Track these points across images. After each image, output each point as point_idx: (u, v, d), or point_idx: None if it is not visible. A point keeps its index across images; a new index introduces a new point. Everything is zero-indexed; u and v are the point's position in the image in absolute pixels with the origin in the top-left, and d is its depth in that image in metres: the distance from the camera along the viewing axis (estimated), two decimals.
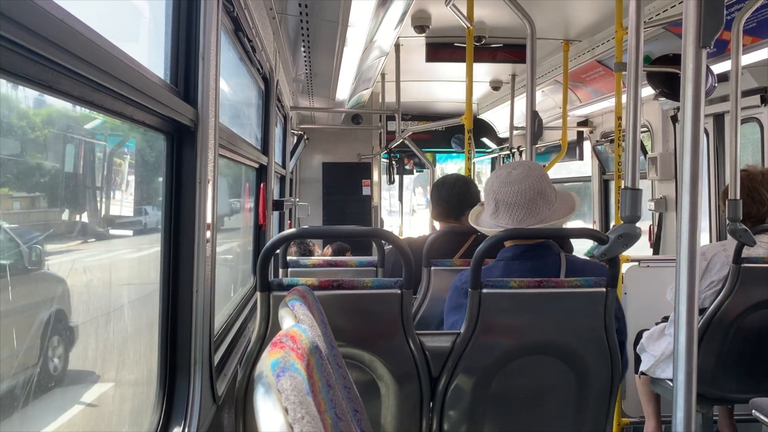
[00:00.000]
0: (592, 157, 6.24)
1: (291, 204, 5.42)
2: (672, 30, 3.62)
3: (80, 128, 1.20)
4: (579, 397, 1.97)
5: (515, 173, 2.07)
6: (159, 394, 1.47)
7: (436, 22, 4.23)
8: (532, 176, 2.05)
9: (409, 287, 1.82)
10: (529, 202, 2.03)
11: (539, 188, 2.04)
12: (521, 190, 2.03)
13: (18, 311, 1.01)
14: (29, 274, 1.05)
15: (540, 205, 2.04)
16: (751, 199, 2.87)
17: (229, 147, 2.15)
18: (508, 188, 2.05)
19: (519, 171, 2.08)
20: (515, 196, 2.04)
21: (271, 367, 0.79)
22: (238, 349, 2.20)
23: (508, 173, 2.08)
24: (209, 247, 1.59)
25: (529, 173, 2.06)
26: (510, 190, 2.05)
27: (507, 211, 2.05)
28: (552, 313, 1.92)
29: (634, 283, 3.65)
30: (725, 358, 2.85)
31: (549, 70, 5.26)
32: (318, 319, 1.41)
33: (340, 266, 2.92)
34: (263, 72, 3.17)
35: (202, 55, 1.52)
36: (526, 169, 2.08)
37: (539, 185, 2.05)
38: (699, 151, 1.37)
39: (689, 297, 1.41)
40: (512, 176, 2.06)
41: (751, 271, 2.76)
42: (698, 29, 1.31)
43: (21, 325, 1.02)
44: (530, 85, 2.88)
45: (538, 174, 2.07)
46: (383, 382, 1.84)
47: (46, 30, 0.78)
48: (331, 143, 7.70)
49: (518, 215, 2.03)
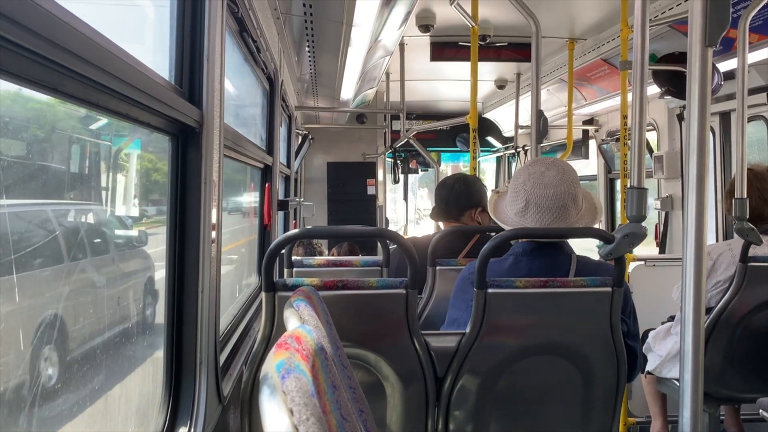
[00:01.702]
0: (597, 155, 6.23)
1: (296, 204, 5.43)
2: (678, 28, 3.61)
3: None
4: (585, 397, 1.97)
5: (549, 175, 2.03)
6: (165, 395, 1.47)
7: (440, 21, 4.23)
8: (566, 181, 2.03)
9: (415, 287, 1.82)
10: (561, 208, 2.01)
11: (573, 194, 2.03)
12: (556, 195, 2.01)
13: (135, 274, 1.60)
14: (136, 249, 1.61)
15: (570, 210, 2.02)
16: (762, 200, 2.84)
17: (234, 147, 2.15)
18: (542, 191, 2.02)
19: (553, 173, 2.04)
20: (549, 200, 2.01)
21: (276, 368, 0.79)
22: (243, 350, 2.20)
23: (542, 173, 2.04)
24: (215, 247, 1.60)
25: (564, 177, 2.03)
26: (544, 193, 2.02)
27: (537, 213, 2.03)
28: (558, 313, 1.92)
29: (640, 282, 3.64)
30: (732, 357, 2.83)
31: (554, 69, 5.25)
32: (323, 319, 1.41)
33: (346, 266, 2.92)
34: (268, 72, 3.17)
35: (206, 56, 1.52)
36: (561, 172, 2.04)
37: (573, 190, 2.03)
38: (705, 150, 1.36)
39: (696, 296, 1.41)
40: (546, 178, 2.03)
41: (758, 270, 2.75)
42: (704, 29, 1.30)
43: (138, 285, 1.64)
44: (535, 83, 2.88)
45: (571, 179, 2.04)
46: (389, 383, 1.84)
47: (50, 32, 0.78)
48: (336, 143, 7.70)
49: (547, 219, 2.02)
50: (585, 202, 2.09)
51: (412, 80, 5.81)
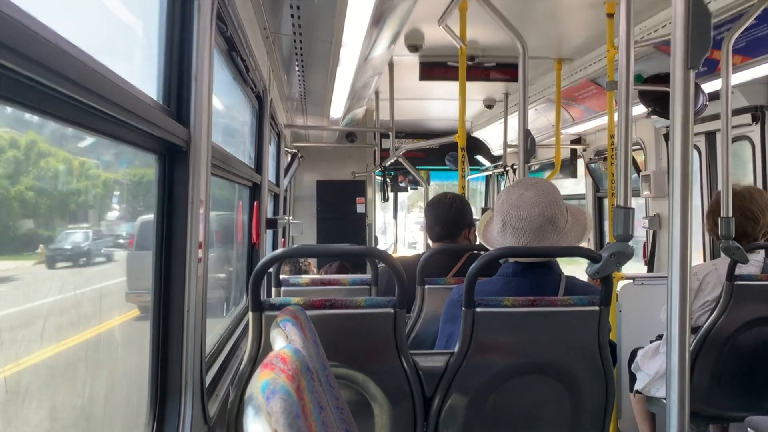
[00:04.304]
0: (585, 174, 6.27)
1: (285, 222, 5.42)
2: (663, 50, 3.66)
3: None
4: (574, 416, 1.96)
5: (527, 195, 2.03)
6: (149, 415, 1.45)
7: (429, 41, 4.27)
8: (543, 202, 2.01)
9: (403, 306, 1.81)
10: (536, 230, 2.00)
11: (549, 215, 2.01)
12: (530, 217, 2.00)
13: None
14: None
15: (548, 232, 2.01)
16: (744, 218, 2.86)
17: (222, 166, 2.15)
18: (517, 212, 2.02)
19: (531, 194, 2.03)
20: (523, 221, 2.01)
21: (261, 389, 0.79)
22: (230, 370, 2.18)
23: (520, 195, 2.04)
24: (201, 266, 1.59)
25: (541, 198, 2.02)
26: (519, 215, 2.02)
27: (513, 234, 2.03)
28: (546, 332, 1.92)
29: (628, 301, 3.65)
30: (720, 375, 2.84)
31: (542, 89, 5.30)
32: (310, 339, 1.41)
33: (334, 285, 2.91)
34: (257, 91, 3.18)
35: (194, 75, 1.52)
36: (539, 193, 2.03)
37: (549, 212, 2.01)
38: (689, 171, 1.38)
39: (681, 315, 1.41)
40: (523, 199, 2.02)
41: (744, 288, 2.77)
42: (686, 51, 1.32)
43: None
44: (523, 103, 2.90)
45: (549, 200, 2.02)
46: (376, 403, 1.83)
47: (36, 52, 0.78)
48: (326, 161, 7.71)
49: (524, 240, 2.02)
50: (571, 221, 2.08)
51: (401, 99, 5.84)
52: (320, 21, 2.86)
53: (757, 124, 3.81)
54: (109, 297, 1.43)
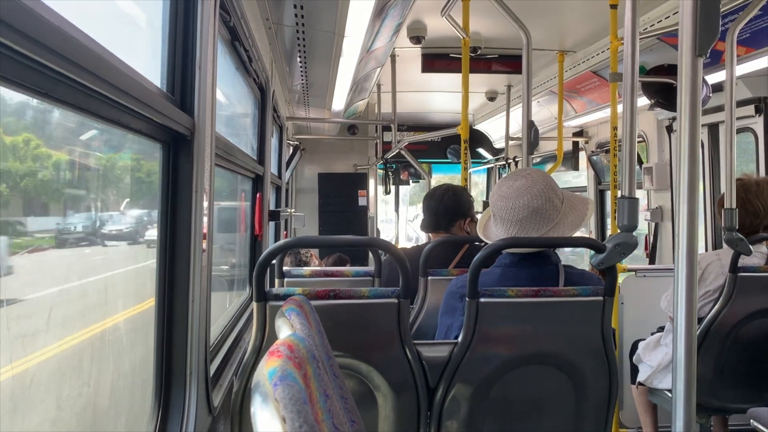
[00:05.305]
0: (587, 167, 6.26)
1: (287, 214, 5.42)
2: (666, 41, 3.65)
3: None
4: (577, 407, 1.96)
5: (515, 185, 2.01)
6: (154, 405, 1.45)
7: (431, 32, 4.25)
8: (529, 193, 1.99)
9: (406, 297, 1.81)
10: (522, 221, 1.99)
11: (535, 206, 1.98)
12: (514, 207, 1.99)
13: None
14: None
15: (536, 222, 1.99)
16: (744, 211, 2.86)
17: (225, 156, 2.15)
18: (502, 203, 2.02)
19: (519, 184, 2.01)
20: (507, 212, 2.00)
21: (269, 375, 0.78)
22: (233, 360, 2.19)
23: (509, 186, 2.03)
24: (205, 256, 1.58)
25: (529, 189, 1.99)
26: (504, 205, 2.01)
27: (501, 225, 2.03)
28: (549, 323, 1.91)
29: (630, 293, 3.64)
30: (723, 367, 2.84)
31: (544, 81, 5.29)
32: (315, 328, 1.40)
33: (337, 276, 2.91)
34: (259, 81, 3.17)
35: (198, 64, 1.52)
36: (528, 183, 2.01)
37: (535, 203, 1.98)
38: (696, 160, 1.37)
39: (688, 305, 1.41)
40: (511, 189, 2.01)
41: (747, 280, 2.76)
42: (694, 38, 1.32)
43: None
44: (526, 95, 2.89)
45: (537, 190, 1.99)
46: (380, 393, 1.83)
47: (43, 37, 0.78)
48: (327, 153, 7.70)
49: (512, 230, 2.01)
50: (567, 210, 2.04)
51: (403, 91, 5.83)
52: (323, 12, 2.84)
53: (761, 115, 3.80)
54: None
